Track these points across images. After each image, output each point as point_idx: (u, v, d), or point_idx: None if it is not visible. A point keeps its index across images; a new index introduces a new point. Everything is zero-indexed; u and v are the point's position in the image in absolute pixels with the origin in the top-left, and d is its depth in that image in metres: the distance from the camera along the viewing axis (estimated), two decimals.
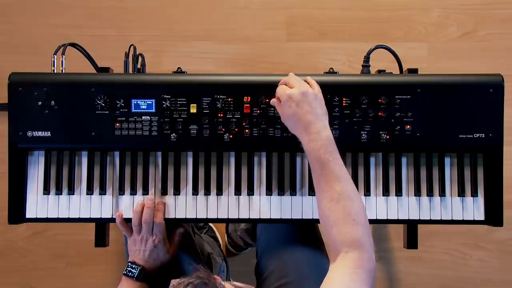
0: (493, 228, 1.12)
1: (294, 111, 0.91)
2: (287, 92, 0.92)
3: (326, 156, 0.88)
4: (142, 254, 1.04)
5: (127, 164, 1.06)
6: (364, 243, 0.82)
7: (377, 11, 1.63)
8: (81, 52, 1.15)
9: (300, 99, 0.91)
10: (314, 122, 0.90)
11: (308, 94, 0.91)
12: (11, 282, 1.61)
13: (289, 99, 0.92)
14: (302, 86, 0.93)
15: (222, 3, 1.63)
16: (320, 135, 0.90)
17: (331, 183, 0.86)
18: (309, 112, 0.91)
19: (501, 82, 1.03)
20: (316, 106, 0.92)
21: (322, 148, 0.88)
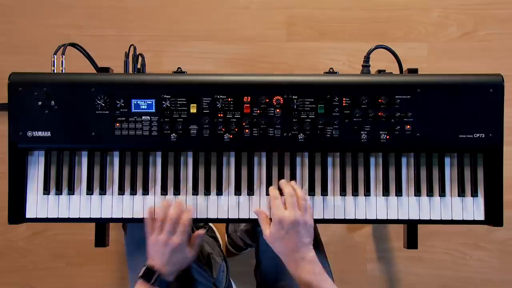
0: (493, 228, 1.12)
1: (282, 237, 0.94)
2: (279, 216, 0.95)
3: (316, 279, 0.92)
4: (161, 255, 0.99)
5: (127, 164, 1.06)
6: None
7: (377, 11, 1.63)
8: (81, 52, 1.15)
9: (290, 228, 0.94)
10: (300, 249, 0.94)
11: (299, 224, 0.94)
12: (11, 282, 1.61)
13: (279, 223, 0.95)
14: (294, 213, 0.95)
15: (222, 3, 1.64)
16: (305, 260, 0.93)
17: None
18: (296, 240, 0.94)
19: (501, 82, 1.03)
20: (304, 234, 0.95)
21: (310, 272, 0.92)
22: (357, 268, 1.62)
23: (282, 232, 0.94)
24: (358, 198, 1.06)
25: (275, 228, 0.95)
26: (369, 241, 1.63)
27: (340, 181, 1.06)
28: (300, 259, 0.93)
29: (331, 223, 1.07)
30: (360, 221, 1.06)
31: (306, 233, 0.95)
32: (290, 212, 0.95)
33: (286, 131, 1.03)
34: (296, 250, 0.93)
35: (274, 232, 0.95)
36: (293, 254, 0.94)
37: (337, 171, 1.06)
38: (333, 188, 1.06)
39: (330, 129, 1.03)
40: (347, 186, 1.06)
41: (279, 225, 0.95)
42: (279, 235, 0.95)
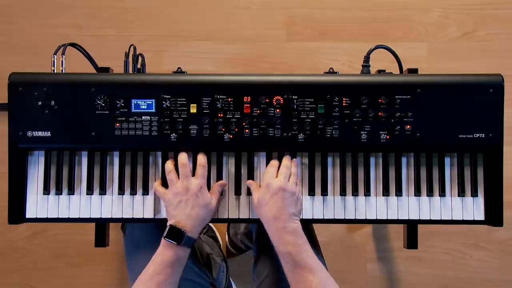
0: (493, 228, 1.12)
1: (266, 201, 0.95)
2: (267, 180, 0.96)
3: (295, 249, 0.90)
4: (184, 206, 0.95)
5: (127, 164, 1.06)
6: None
7: (377, 11, 1.63)
8: (81, 52, 1.15)
9: (276, 192, 0.94)
10: (282, 217, 0.93)
11: (285, 191, 0.95)
12: (11, 282, 1.61)
13: (266, 187, 0.96)
14: (283, 181, 0.96)
15: (222, 3, 1.64)
16: (287, 230, 0.92)
17: (305, 275, 0.89)
18: (280, 207, 0.93)
19: (501, 82, 1.03)
20: (289, 204, 0.94)
21: (290, 242, 0.91)
22: (357, 268, 1.62)
23: (268, 195, 0.95)
24: (358, 198, 1.06)
25: (262, 192, 0.96)
26: (369, 241, 1.63)
27: (340, 181, 1.06)
28: (281, 228, 0.92)
29: (331, 223, 1.07)
30: (360, 221, 1.06)
31: (291, 203, 0.95)
32: (280, 179, 0.96)
33: (286, 131, 1.03)
34: (278, 217, 0.93)
35: (260, 196, 0.96)
36: (275, 222, 0.93)
37: (337, 171, 1.06)
38: (333, 188, 1.06)
39: (330, 129, 1.03)
40: (347, 186, 1.06)
41: (266, 189, 0.96)
42: (264, 200, 0.95)
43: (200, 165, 1.01)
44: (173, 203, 0.97)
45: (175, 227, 0.94)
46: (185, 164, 0.99)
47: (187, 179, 0.98)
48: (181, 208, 0.96)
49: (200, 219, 0.97)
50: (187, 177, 0.98)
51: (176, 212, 0.96)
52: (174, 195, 0.97)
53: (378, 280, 1.63)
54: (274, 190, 0.95)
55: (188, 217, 0.95)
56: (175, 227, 0.94)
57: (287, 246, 0.91)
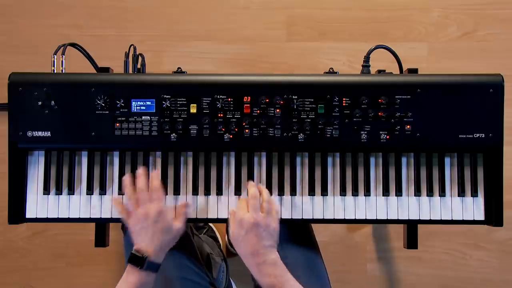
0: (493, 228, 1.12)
1: (242, 238, 0.94)
2: (240, 216, 0.94)
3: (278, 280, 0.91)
4: (145, 232, 0.95)
5: (127, 164, 1.06)
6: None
7: (377, 11, 1.63)
8: (81, 52, 1.15)
9: (249, 229, 0.93)
10: (261, 252, 0.92)
11: (259, 226, 0.93)
12: (11, 282, 1.61)
13: (239, 223, 0.94)
14: (255, 215, 0.94)
15: (222, 3, 1.63)
16: (266, 263, 0.92)
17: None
18: (256, 243, 0.93)
19: (501, 82, 1.03)
20: (265, 238, 0.93)
21: (271, 275, 0.91)
22: (357, 268, 1.62)
23: (242, 232, 0.94)
24: (358, 198, 1.06)
25: (236, 229, 0.95)
26: (369, 241, 1.63)
27: (340, 181, 1.06)
28: (261, 262, 0.92)
29: (331, 223, 1.07)
30: (360, 221, 1.06)
31: (267, 236, 0.94)
32: (251, 214, 0.94)
33: (286, 131, 1.03)
34: (256, 253, 0.92)
35: (234, 232, 0.95)
36: (253, 257, 0.93)
37: (337, 171, 1.06)
38: (333, 188, 1.06)
39: (330, 129, 1.03)
40: (347, 186, 1.06)
41: (239, 225, 0.94)
42: (239, 236, 0.94)
43: (155, 188, 0.98)
44: (135, 230, 0.97)
45: (137, 252, 0.94)
46: (144, 190, 0.97)
47: (144, 206, 0.96)
48: (142, 235, 0.96)
49: (163, 244, 0.97)
50: (144, 203, 0.96)
51: (139, 238, 0.96)
52: (135, 222, 0.97)
53: (378, 280, 1.63)
54: (247, 228, 0.93)
55: (150, 243, 0.95)
56: (137, 253, 0.94)
57: (270, 278, 0.91)
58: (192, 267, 1.11)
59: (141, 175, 0.99)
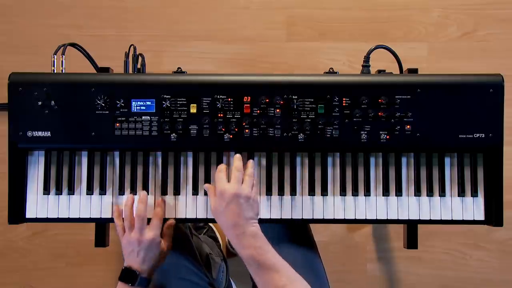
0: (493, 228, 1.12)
1: (223, 210, 0.94)
2: (220, 188, 0.94)
3: (257, 252, 0.90)
4: (137, 254, 0.99)
5: (127, 164, 1.06)
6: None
7: (377, 11, 1.63)
8: (81, 52, 1.15)
9: (230, 201, 0.93)
10: (241, 224, 0.92)
11: (240, 197, 0.93)
12: (11, 282, 1.61)
13: (220, 195, 0.94)
14: (236, 186, 0.94)
15: (222, 3, 1.64)
16: (246, 235, 0.92)
17: (272, 275, 0.89)
18: (237, 215, 0.92)
19: (501, 82, 1.03)
20: (246, 209, 0.93)
21: (251, 246, 0.91)
22: (357, 268, 1.62)
23: (223, 204, 0.93)
24: (358, 198, 1.06)
25: (217, 201, 0.95)
26: (369, 241, 1.63)
27: (340, 181, 1.06)
28: (241, 234, 0.92)
29: (331, 223, 1.07)
30: (360, 221, 1.06)
31: (248, 208, 0.94)
32: (232, 185, 0.94)
33: (286, 131, 1.03)
34: (237, 224, 0.92)
35: (215, 204, 0.95)
36: (234, 229, 0.92)
37: (337, 171, 1.06)
38: (333, 188, 1.06)
39: (330, 129, 1.03)
40: (347, 186, 1.06)
41: (220, 197, 0.94)
42: (221, 208, 0.94)
43: (156, 216, 1.00)
44: (127, 250, 1.00)
45: (129, 269, 0.98)
46: (141, 217, 0.99)
47: (140, 232, 0.98)
48: (133, 256, 0.99)
49: (152, 262, 1.00)
50: (141, 230, 0.99)
51: (130, 258, 0.99)
52: (127, 244, 1.00)
53: (378, 280, 1.63)
54: (229, 198, 0.93)
55: (141, 263, 0.99)
56: (129, 269, 0.98)
57: (249, 250, 0.91)
58: (191, 267, 1.11)
59: (141, 201, 1.00)
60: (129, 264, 0.99)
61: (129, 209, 1.00)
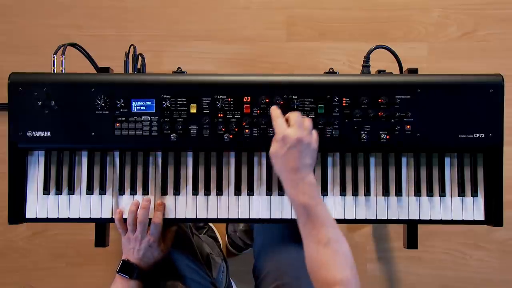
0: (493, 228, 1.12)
1: (284, 153, 0.91)
2: (284, 132, 0.92)
3: (311, 202, 0.89)
4: (136, 253, 1.03)
5: (127, 164, 1.06)
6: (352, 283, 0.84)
7: (377, 11, 1.63)
8: (81, 52, 1.15)
9: (293, 145, 0.91)
10: (301, 169, 0.90)
11: (302, 142, 0.91)
12: (11, 282, 1.61)
13: (282, 139, 0.92)
14: (299, 131, 0.92)
15: (222, 3, 1.63)
16: (304, 181, 0.90)
17: (319, 228, 0.87)
18: (297, 159, 0.91)
19: (501, 82, 1.03)
20: (306, 155, 0.91)
21: (306, 194, 0.89)
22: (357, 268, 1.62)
23: (284, 148, 0.91)
24: (358, 198, 1.06)
25: (278, 146, 0.92)
26: (369, 241, 1.63)
27: (340, 181, 1.06)
28: (299, 180, 0.90)
29: None
30: (360, 221, 1.06)
31: (308, 154, 0.92)
32: (295, 130, 0.92)
33: None
34: (295, 170, 0.90)
35: (276, 149, 0.93)
36: (292, 174, 0.91)
37: (337, 171, 1.06)
38: (333, 188, 1.06)
39: (330, 129, 1.03)
40: (347, 186, 1.06)
41: (282, 142, 0.91)
42: (281, 152, 0.92)
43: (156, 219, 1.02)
44: (126, 247, 1.05)
45: (127, 262, 1.03)
46: (143, 222, 1.02)
47: (142, 236, 1.03)
48: (132, 253, 1.04)
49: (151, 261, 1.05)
50: (142, 234, 1.02)
51: (129, 253, 1.04)
52: (127, 242, 1.04)
53: (378, 280, 1.63)
54: (291, 143, 0.90)
55: (140, 260, 1.04)
56: (127, 262, 1.03)
57: (304, 197, 0.89)
58: (193, 266, 1.11)
59: (144, 207, 1.02)
60: (127, 257, 1.04)
61: (133, 215, 1.02)
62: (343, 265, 0.86)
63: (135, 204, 1.03)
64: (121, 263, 1.04)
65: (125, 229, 1.04)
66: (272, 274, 1.07)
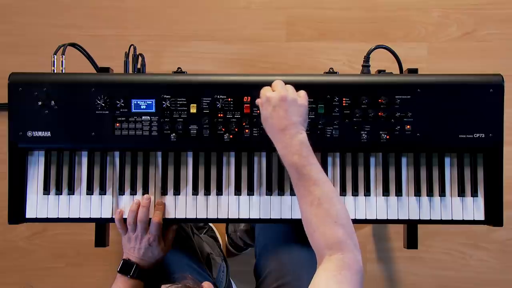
0: (493, 228, 1.12)
1: (270, 114, 0.91)
2: (266, 94, 0.93)
3: (301, 161, 0.87)
4: (137, 252, 1.03)
5: (127, 164, 1.06)
6: (347, 244, 0.81)
7: (377, 11, 1.63)
8: (81, 52, 1.15)
9: (277, 104, 0.91)
10: (288, 128, 0.89)
11: (286, 100, 0.90)
12: (11, 282, 1.61)
13: (267, 101, 0.92)
14: (282, 91, 0.92)
15: (222, 3, 1.63)
16: (293, 140, 0.89)
17: (310, 188, 0.86)
18: (283, 118, 0.90)
19: (501, 82, 1.03)
20: (293, 112, 0.91)
21: (296, 153, 0.88)
22: None
23: (269, 108, 0.91)
24: (358, 198, 1.06)
25: (264, 108, 0.93)
26: (369, 241, 1.63)
27: (340, 181, 1.06)
28: (288, 139, 0.89)
29: None
30: (360, 221, 1.06)
31: (295, 111, 0.91)
32: (277, 90, 0.92)
33: None
34: (283, 129, 0.90)
35: (263, 112, 0.94)
36: (281, 134, 0.90)
37: (337, 171, 1.06)
38: None
39: (330, 129, 1.03)
40: (347, 186, 1.06)
41: (267, 103, 0.92)
42: (267, 113, 0.92)
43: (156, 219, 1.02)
44: (126, 246, 1.05)
45: (127, 261, 1.04)
46: (143, 221, 1.02)
47: (142, 235, 1.03)
48: (133, 252, 1.04)
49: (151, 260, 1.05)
50: (142, 233, 1.03)
51: (129, 253, 1.05)
52: (128, 242, 1.05)
53: (378, 280, 1.63)
54: (275, 102, 0.91)
55: (140, 259, 1.04)
56: (128, 261, 1.04)
57: (293, 157, 0.88)
58: (194, 266, 1.11)
59: (144, 206, 1.02)
60: (128, 256, 1.04)
61: (134, 215, 1.02)
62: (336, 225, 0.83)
63: (136, 203, 1.03)
64: (121, 262, 1.04)
65: (125, 228, 1.04)
66: (274, 274, 1.07)
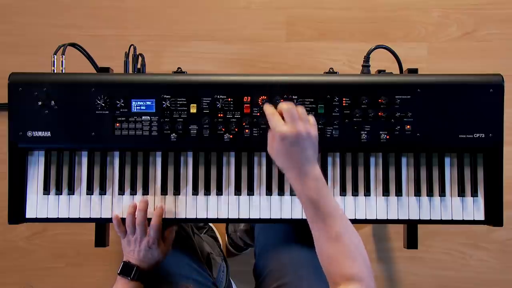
0: (493, 228, 1.12)
1: (282, 151, 0.89)
2: (282, 130, 0.88)
3: (318, 197, 0.87)
4: (137, 254, 1.03)
5: (127, 164, 1.06)
6: (364, 277, 0.81)
7: (377, 11, 1.63)
8: (81, 52, 1.15)
9: (293, 141, 0.88)
10: (304, 164, 0.88)
11: (302, 136, 0.88)
12: (11, 282, 1.61)
13: (282, 139, 0.88)
14: (297, 126, 0.89)
15: (222, 3, 1.63)
16: (309, 176, 0.88)
17: (327, 222, 0.85)
18: (300, 153, 0.88)
19: (501, 82, 1.03)
20: (308, 147, 0.89)
21: (313, 189, 0.87)
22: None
23: (285, 148, 0.88)
24: (358, 198, 1.06)
25: (278, 145, 0.90)
26: (369, 241, 1.63)
27: (340, 181, 1.06)
28: (303, 175, 0.88)
29: None
30: (360, 221, 1.06)
31: (309, 146, 0.89)
32: (292, 126, 0.88)
33: None
34: (299, 166, 0.88)
35: (277, 147, 0.90)
36: (296, 171, 0.88)
37: (337, 171, 1.06)
38: (333, 188, 1.06)
39: (330, 129, 1.03)
40: (347, 186, 1.06)
41: (282, 141, 0.88)
42: (282, 150, 0.89)
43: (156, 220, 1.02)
44: (126, 249, 1.05)
45: (127, 263, 1.03)
46: (142, 224, 1.02)
47: (141, 238, 1.02)
48: (133, 254, 1.04)
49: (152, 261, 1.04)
50: (141, 236, 1.02)
51: (129, 255, 1.04)
52: (127, 244, 1.04)
53: (378, 280, 1.63)
54: (292, 140, 0.87)
55: (141, 261, 1.03)
56: (128, 263, 1.03)
57: (309, 192, 0.87)
58: (194, 266, 1.11)
59: (142, 210, 1.02)
60: (128, 259, 1.03)
61: (131, 217, 1.02)
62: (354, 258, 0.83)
63: (132, 206, 1.02)
64: (122, 264, 1.03)
65: (124, 231, 1.04)
66: (274, 274, 1.07)
